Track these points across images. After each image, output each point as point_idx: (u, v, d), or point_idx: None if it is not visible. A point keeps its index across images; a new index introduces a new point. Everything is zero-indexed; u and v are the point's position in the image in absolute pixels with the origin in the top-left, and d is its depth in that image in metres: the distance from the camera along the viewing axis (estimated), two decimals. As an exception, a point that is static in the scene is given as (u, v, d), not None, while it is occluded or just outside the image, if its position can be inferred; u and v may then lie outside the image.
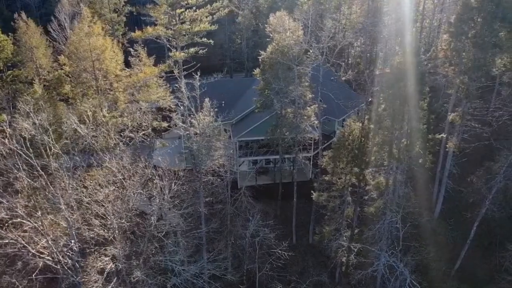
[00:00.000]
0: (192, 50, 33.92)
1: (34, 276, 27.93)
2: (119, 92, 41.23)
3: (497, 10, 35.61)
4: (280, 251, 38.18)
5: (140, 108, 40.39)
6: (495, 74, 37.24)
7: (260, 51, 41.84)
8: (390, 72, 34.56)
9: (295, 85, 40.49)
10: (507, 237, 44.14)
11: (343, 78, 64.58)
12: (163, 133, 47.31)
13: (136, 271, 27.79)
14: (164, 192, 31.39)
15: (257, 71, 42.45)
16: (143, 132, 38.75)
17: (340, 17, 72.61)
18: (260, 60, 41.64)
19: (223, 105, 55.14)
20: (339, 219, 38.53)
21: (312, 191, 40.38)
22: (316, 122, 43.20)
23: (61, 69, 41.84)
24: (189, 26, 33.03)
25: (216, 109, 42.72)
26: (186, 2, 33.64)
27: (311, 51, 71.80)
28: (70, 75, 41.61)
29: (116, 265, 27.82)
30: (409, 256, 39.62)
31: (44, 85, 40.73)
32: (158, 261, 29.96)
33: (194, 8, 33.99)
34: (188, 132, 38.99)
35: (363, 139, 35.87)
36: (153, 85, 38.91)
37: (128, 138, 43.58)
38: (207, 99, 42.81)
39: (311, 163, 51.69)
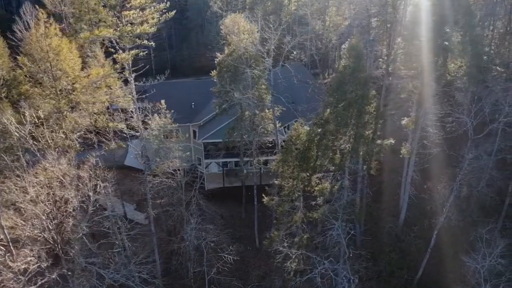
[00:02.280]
0: (132, 52, 33.93)
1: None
2: (80, 92, 41.57)
3: (448, 13, 34.81)
4: (227, 255, 37.83)
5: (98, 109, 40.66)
6: (449, 79, 36.30)
7: (217, 53, 41.72)
8: (335, 76, 34.04)
9: (250, 88, 40.18)
10: (472, 246, 42.97)
11: (325, 81, 64.13)
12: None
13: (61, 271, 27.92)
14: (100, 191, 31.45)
15: (214, 73, 42.29)
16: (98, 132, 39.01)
17: (325, 18, 72.11)
18: (216, 62, 41.48)
19: (193, 106, 55.34)
20: (288, 224, 38.06)
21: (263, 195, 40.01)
22: (271, 125, 42.80)
23: (21, 69, 42.35)
24: (130, 28, 33.02)
25: (172, 111, 42.84)
26: (130, 4, 33.58)
27: (294, 52, 70.95)
28: (27, 75, 42.11)
29: (41, 265, 27.99)
30: (357, 264, 38.97)
31: (1, 84, 41.53)
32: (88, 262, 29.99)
33: (138, 10, 33.93)
34: (139, 134, 39.07)
35: (308, 143, 35.36)
36: (103, 86, 39.03)
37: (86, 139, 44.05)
38: (162, 101, 42.95)
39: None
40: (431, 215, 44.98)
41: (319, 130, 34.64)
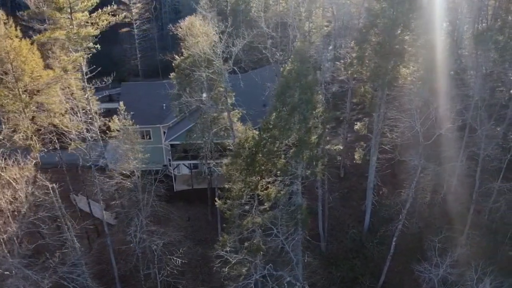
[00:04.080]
0: (78, 54, 34.08)
1: None
2: (35, 93, 42.13)
3: (398, 16, 34.15)
4: (176, 258, 37.77)
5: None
6: (401, 84, 35.53)
7: (175, 55, 41.71)
8: (280, 80, 33.65)
9: (206, 91, 40.08)
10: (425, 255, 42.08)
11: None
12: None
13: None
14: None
15: (172, 75, 42.28)
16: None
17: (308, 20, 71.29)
18: (173, 65, 41.47)
19: (164, 107, 55.47)
20: (239, 229, 37.74)
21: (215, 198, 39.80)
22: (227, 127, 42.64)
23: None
24: (76, 31, 33.25)
25: (132, 113, 42.98)
26: (78, 6, 33.80)
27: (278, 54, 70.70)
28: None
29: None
30: (309, 270, 38.52)
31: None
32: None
33: (85, 12, 34.14)
34: (95, 136, 39.37)
35: (255, 148, 35.03)
36: (56, 87, 39.32)
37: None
38: (121, 102, 43.12)
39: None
40: (392, 222, 44.32)
41: (264, 134, 34.28)
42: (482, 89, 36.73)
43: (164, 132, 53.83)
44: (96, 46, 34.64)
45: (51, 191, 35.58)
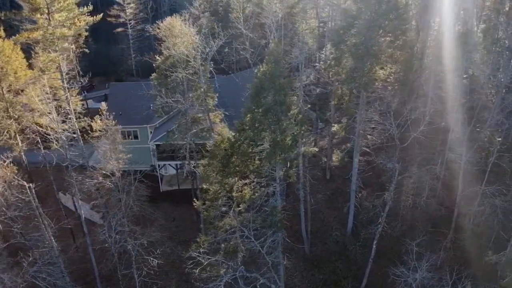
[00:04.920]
0: (54, 54, 34.24)
1: None
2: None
3: (374, 18, 33.80)
4: (153, 259, 37.79)
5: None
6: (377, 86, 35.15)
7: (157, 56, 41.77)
8: (254, 82, 33.46)
9: (186, 93, 40.06)
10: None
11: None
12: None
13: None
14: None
15: (153, 76, 42.33)
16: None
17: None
18: (154, 66, 41.53)
19: (151, 108, 55.51)
20: (215, 230, 37.67)
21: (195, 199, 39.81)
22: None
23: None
24: (52, 31, 33.40)
25: (120, 113, 43.08)
26: (55, 6, 33.96)
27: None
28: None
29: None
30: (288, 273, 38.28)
31: None
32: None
33: (62, 13, 34.28)
34: (75, 135, 39.54)
35: (230, 149, 34.92)
36: (36, 87, 39.50)
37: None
38: (103, 103, 43.29)
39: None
40: (374, 224, 43.92)
41: (239, 135, 34.16)
42: (463, 90, 36.32)
43: (151, 132, 53.91)
44: (72, 47, 34.76)
45: (27, 190, 35.98)
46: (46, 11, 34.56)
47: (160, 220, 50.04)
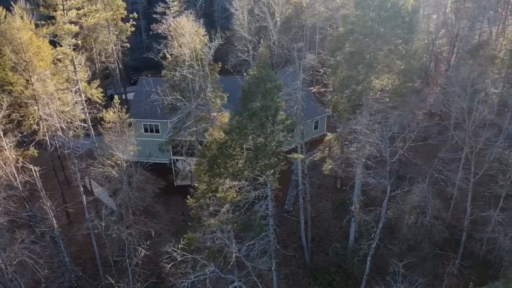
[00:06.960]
0: (62, 48, 36.46)
1: None
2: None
3: (372, 26, 32.49)
4: (142, 249, 39.04)
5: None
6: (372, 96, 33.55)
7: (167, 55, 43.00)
8: (242, 85, 33.46)
9: (192, 92, 40.92)
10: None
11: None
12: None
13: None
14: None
15: (164, 73, 43.57)
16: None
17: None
18: (164, 64, 42.72)
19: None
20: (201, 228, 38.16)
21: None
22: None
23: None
24: (61, 27, 35.63)
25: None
26: (67, 4, 36.21)
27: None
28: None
29: None
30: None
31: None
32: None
33: (72, 10, 36.45)
34: (86, 126, 41.88)
35: (217, 150, 35.24)
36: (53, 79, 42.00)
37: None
38: (116, 96, 45.29)
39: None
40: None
41: (226, 137, 34.39)
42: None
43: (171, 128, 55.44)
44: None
45: (34, 172, 38.87)
46: (61, 7, 36.89)
47: (170, 213, 51.49)
